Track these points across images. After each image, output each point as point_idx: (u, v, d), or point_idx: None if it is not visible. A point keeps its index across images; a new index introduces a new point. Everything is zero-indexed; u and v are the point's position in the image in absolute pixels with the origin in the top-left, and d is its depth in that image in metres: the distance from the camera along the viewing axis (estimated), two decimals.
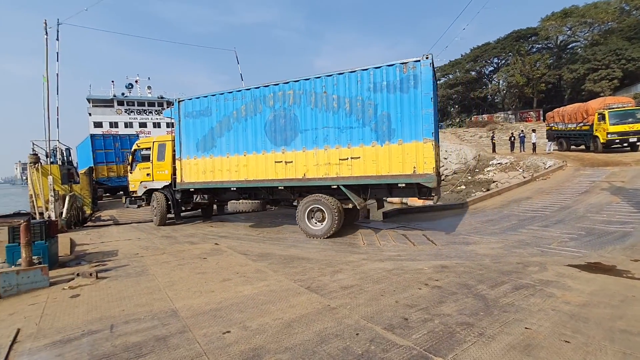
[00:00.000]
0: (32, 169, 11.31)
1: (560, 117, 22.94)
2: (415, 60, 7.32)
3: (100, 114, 48.32)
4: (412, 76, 7.37)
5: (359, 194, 8.40)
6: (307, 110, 8.60)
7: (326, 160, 8.35)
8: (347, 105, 8.12)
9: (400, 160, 7.51)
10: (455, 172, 20.00)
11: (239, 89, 9.67)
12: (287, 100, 8.85)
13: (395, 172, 7.57)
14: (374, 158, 7.82)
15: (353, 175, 8.05)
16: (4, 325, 3.77)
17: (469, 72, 47.66)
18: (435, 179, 7.24)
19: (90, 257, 6.66)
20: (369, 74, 7.88)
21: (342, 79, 8.19)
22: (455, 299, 3.97)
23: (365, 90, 7.91)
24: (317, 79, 8.51)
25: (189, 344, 3.11)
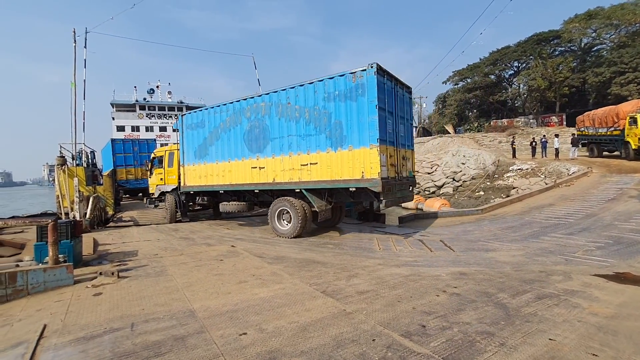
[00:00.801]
0: (59, 170, 11.77)
1: (590, 121, 21.66)
2: (362, 69, 7.63)
3: (123, 118, 49.91)
4: (360, 85, 7.69)
5: (323, 197, 8.83)
6: (276, 120, 9.26)
7: (290, 165, 8.93)
8: (306, 115, 8.63)
9: (350, 166, 7.87)
10: (473, 177, 19.60)
11: (225, 103, 10.62)
12: (260, 112, 9.62)
13: (346, 177, 7.96)
14: (328, 163, 8.26)
15: (312, 179, 8.56)
16: (31, 320, 3.92)
17: (488, 76, 46.73)
18: (380, 183, 7.43)
19: (112, 257, 6.85)
20: (324, 84, 8.31)
21: (302, 90, 8.71)
22: (474, 307, 3.88)
23: (321, 100, 8.37)
24: (283, 91, 9.09)
25: (207, 344, 3.15)
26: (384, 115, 7.86)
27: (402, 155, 8.95)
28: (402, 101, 9.01)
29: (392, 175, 8.16)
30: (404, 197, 9.13)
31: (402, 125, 9.02)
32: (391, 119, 8.25)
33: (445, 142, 33.21)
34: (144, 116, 50.76)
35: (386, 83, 8.06)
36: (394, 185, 8.23)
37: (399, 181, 8.51)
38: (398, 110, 8.71)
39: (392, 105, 8.39)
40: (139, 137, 41.65)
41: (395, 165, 8.47)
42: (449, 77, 51.21)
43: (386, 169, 7.86)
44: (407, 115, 9.38)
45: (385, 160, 7.85)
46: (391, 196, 8.19)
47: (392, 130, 8.29)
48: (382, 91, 7.79)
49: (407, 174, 9.20)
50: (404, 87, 9.25)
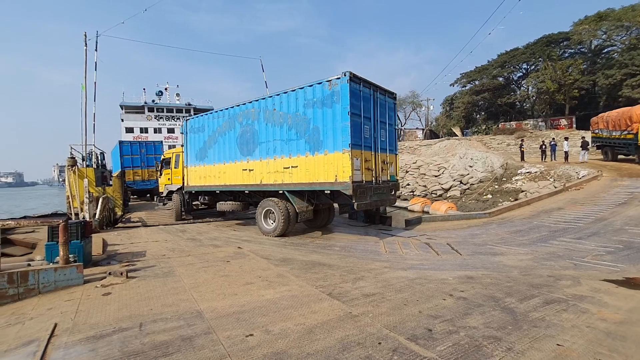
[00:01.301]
0: (70, 171, 11.97)
1: (604, 124, 20.69)
2: (337, 77, 8.03)
3: (132, 120, 50.55)
4: (335, 92, 8.09)
5: (304, 198, 9.21)
6: (263, 126, 9.82)
7: (275, 168, 9.44)
8: (289, 120, 9.12)
9: (326, 169, 8.28)
10: (481, 180, 19.44)
11: (222, 109, 11.32)
12: (250, 117, 10.22)
13: (322, 180, 8.36)
14: (307, 167, 8.69)
15: (293, 182, 9.02)
16: (42, 319, 4.00)
17: (496, 78, 46.38)
18: (352, 186, 7.79)
19: (121, 257, 6.94)
20: (304, 92, 8.76)
21: (286, 97, 9.21)
22: (481, 311, 3.86)
23: (301, 106, 8.83)
24: (270, 98, 9.64)
25: (214, 345, 3.18)
26: (359, 121, 8.23)
27: (382, 159, 9.24)
28: (383, 107, 9.31)
29: (367, 179, 8.47)
30: (382, 200, 9.34)
31: (384, 130, 9.33)
32: (369, 125, 8.63)
33: (452, 144, 33.03)
34: (153, 118, 51.36)
35: (362, 90, 8.41)
36: (369, 189, 8.46)
37: (376, 185, 8.80)
38: (378, 116, 9.04)
39: (370, 111, 8.74)
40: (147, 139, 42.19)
41: (372, 169, 8.75)
42: (457, 79, 50.99)
43: (360, 172, 8.20)
44: (389, 121, 9.66)
45: (360, 164, 8.20)
46: (365, 199, 8.38)
47: (369, 135, 8.63)
48: (357, 98, 8.17)
49: (387, 177, 9.46)
50: (387, 94, 9.54)
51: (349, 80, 7.84)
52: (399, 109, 55.48)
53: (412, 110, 55.52)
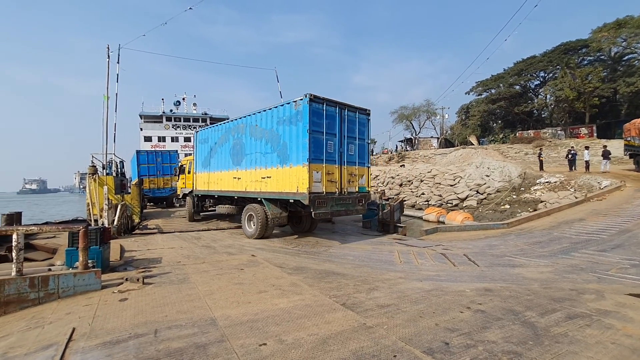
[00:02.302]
0: (90, 179, 12.33)
1: (636, 131, 19.29)
2: (300, 99, 8.88)
3: (150, 129, 51.86)
4: (298, 112, 8.91)
5: (277, 205, 10.05)
6: (248, 139, 10.90)
7: (256, 177, 10.46)
8: (266, 136, 10.07)
9: (290, 181, 9.14)
10: (498, 190, 19.02)
11: (221, 123, 12.72)
12: (240, 131, 11.38)
13: (287, 190, 9.28)
14: (277, 178, 9.63)
15: (267, 190, 10.01)
16: (61, 323, 4.08)
17: (513, 87, 45.66)
18: (308, 197, 8.59)
19: (137, 263, 7.05)
20: (277, 110, 9.68)
21: (265, 115, 10.21)
22: (500, 325, 3.73)
23: (275, 123, 9.74)
24: (254, 115, 10.70)
25: (227, 353, 3.17)
26: (321, 138, 9.00)
27: (350, 172, 9.93)
28: (353, 123, 10.00)
29: (330, 190, 9.21)
30: (346, 210, 9.92)
31: (352, 145, 10.00)
32: (333, 140, 9.35)
33: (468, 153, 32.56)
34: (170, 127, 52.57)
35: (327, 109, 9.16)
36: (329, 199, 9.17)
37: (340, 195, 9.50)
38: (345, 132, 9.74)
39: (336, 127, 9.45)
40: (164, 147, 43.17)
41: (336, 181, 9.44)
42: (472, 88, 50.47)
43: (321, 184, 8.97)
44: (360, 135, 10.23)
45: (320, 176, 8.97)
46: (325, 208, 9.11)
47: (333, 150, 9.35)
48: (319, 117, 8.96)
49: (356, 189, 10.13)
50: (357, 110, 10.14)
51: (309, 101, 8.67)
52: (414, 118, 55.17)
53: (426, 119, 55.14)
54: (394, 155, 46.38)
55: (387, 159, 45.73)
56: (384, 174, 29.85)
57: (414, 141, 54.23)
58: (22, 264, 5.03)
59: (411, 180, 25.59)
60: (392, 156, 46.54)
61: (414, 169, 27.64)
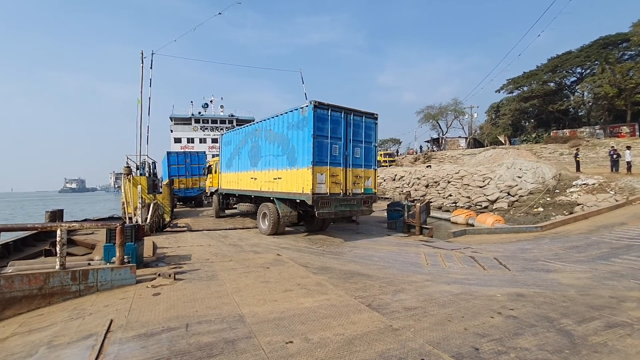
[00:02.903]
0: (125, 179, 12.92)
1: None
2: (306, 105, 9.35)
3: (180, 131, 53.67)
4: (305, 117, 9.38)
5: (288, 205, 10.56)
6: (264, 142, 11.58)
7: (269, 178, 11.07)
8: (278, 139, 10.67)
9: (297, 182, 9.67)
10: (531, 192, 18.22)
11: (242, 127, 13.64)
12: (257, 135, 12.10)
13: (294, 191, 9.80)
14: (286, 179, 10.19)
15: (278, 190, 10.57)
16: (100, 315, 4.32)
17: (547, 84, 43.55)
18: (311, 197, 9.10)
19: (169, 260, 7.33)
20: (287, 116, 10.23)
21: (277, 120, 10.80)
22: (534, 332, 3.59)
23: (285, 128, 10.31)
24: (268, 120, 11.36)
25: (255, 349, 3.24)
26: (326, 142, 9.50)
27: (356, 174, 10.30)
28: (358, 127, 10.37)
29: (334, 192, 9.67)
30: (351, 210, 10.37)
31: (359, 148, 10.38)
32: (338, 144, 9.80)
33: (499, 153, 31.40)
34: (198, 129, 54.16)
35: (332, 114, 9.64)
36: (334, 200, 9.65)
37: (344, 196, 9.92)
38: (351, 135, 10.15)
39: (341, 132, 9.89)
40: (193, 149, 44.55)
41: (341, 183, 9.87)
42: (503, 86, 48.61)
43: (325, 185, 9.46)
44: (366, 139, 10.58)
45: (325, 178, 9.47)
46: (328, 209, 9.60)
47: (338, 153, 9.79)
48: (324, 122, 9.46)
49: (361, 190, 10.46)
50: (364, 115, 10.50)
51: (314, 107, 9.18)
52: (440, 117, 53.88)
53: (454, 118, 53.64)
54: (419, 156, 45.53)
55: (412, 160, 44.95)
56: (410, 174, 29.35)
57: (440, 141, 52.93)
58: (65, 258, 5.36)
59: (438, 182, 25.02)
60: (417, 156, 45.71)
61: (441, 169, 27.00)
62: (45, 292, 5.06)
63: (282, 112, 10.53)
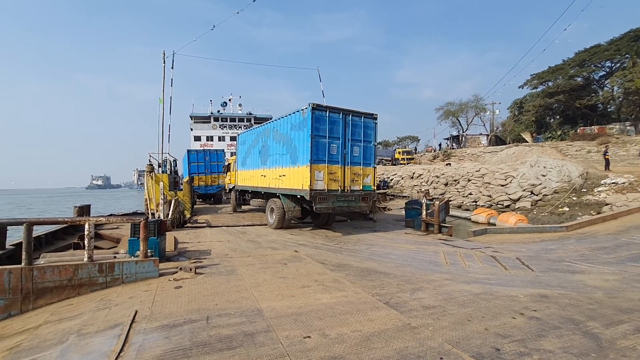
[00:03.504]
0: (148, 176, 13.31)
1: None
2: (305, 107, 9.91)
3: (199, 129, 54.79)
4: (305, 119, 9.96)
5: (291, 200, 11.08)
6: (272, 142, 12.33)
7: (276, 175, 11.80)
8: (283, 139, 11.40)
9: (297, 179, 10.34)
10: (556, 191, 17.59)
11: (254, 128, 14.56)
12: (266, 135, 12.88)
13: (295, 187, 10.49)
14: (290, 176, 10.88)
15: (282, 187, 11.31)
16: (125, 306, 4.49)
17: (574, 79, 41.80)
18: (309, 193, 9.78)
19: (190, 254, 7.52)
20: (291, 117, 10.94)
21: (282, 121, 11.54)
22: (558, 334, 3.49)
23: (289, 129, 11.00)
24: (275, 121, 12.17)
25: (273, 343, 3.29)
26: (324, 141, 10.07)
27: (354, 172, 10.78)
28: (357, 127, 10.83)
29: (332, 188, 10.24)
30: (349, 206, 10.89)
31: (357, 147, 10.84)
32: (336, 143, 10.34)
33: (521, 151, 30.47)
34: (217, 127, 55.11)
35: (330, 115, 10.18)
36: (331, 196, 10.22)
37: (342, 193, 10.47)
38: (350, 135, 10.65)
39: (339, 132, 10.42)
40: (212, 147, 45.36)
41: (339, 180, 10.42)
42: (527, 81, 47.08)
43: (323, 182, 10.05)
44: (366, 138, 11.03)
45: (323, 176, 10.05)
46: (326, 204, 10.20)
47: (336, 152, 10.35)
48: (322, 122, 10.02)
49: (360, 187, 10.94)
50: (363, 115, 10.95)
51: (312, 109, 9.75)
52: (461, 114, 52.73)
53: (475, 115, 52.34)
54: (438, 154, 44.71)
55: (431, 157, 44.20)
56: (428, 172, 28.90)
57: (460, 138, 51.76)
58: (93, 251, 5.59)
59: (458, 180, 24.53)
60: (436, 154, 44.90)
61: (461, 167, 26.45)
62: (75, 283, 5.30)
63: (287, 113, 11.14)
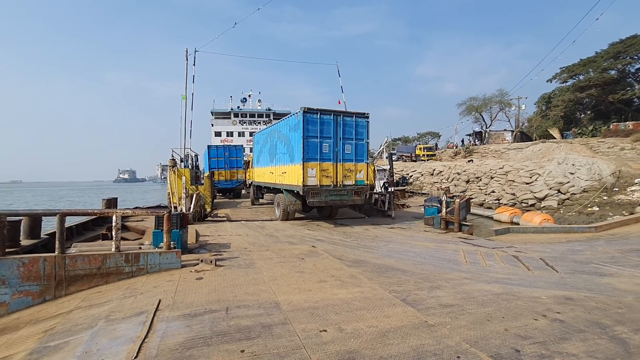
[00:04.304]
0: (171, 171, 13.70)
1: None
2: (298, 111, 10.91)
3: (220, 125, 55.69)
4: (299, 121, 10.84)
5: (293, 195, 12.06)
6: (277, 142, 13.37)
7: (280, 172, 12.80)
8: (284, 140, 12.44)
9: (294, 175, 11.27)
10: (585, 190, 16.86)
11: (265, 128, 15.82)
12: (273, 135, 13.99)
13: (292, 183, 11.49)
14: (289, 173, 11.82)
15: (284, 183, 12.38)
16: (150, 295, 4.67)
17: (607, 71, 39.71)
18: (302, 188, 10.74)
19: (210, 247, 7.72)
20: (289, 120, 12.02)
21: (284, 123, 12.63)
22: (582, 338, 3.37)
23: (288, 130, 12.03)
24: (279, 123, 13.23)
25: (290, 335, 3.35)
26: (316, 141, 10.91)
27: (346, 168, 11.54)
28: (349, 126, 11.56)
29: (324, 184, 11.06)
30: (341, 200, 11.71)
31: (349, 145, 11.56)
32: (328, 142, 11.14)
33: (548, 148, 29.30)
34: (237, 123, 55.84)
35: (322, 117, 11.02)
36: (323, 191, 11.08)
37: (334, 188, 11.27)
38: (341, 134, 11.39)
39: (331, 132, 11.23)
40: (232, 142, 46.10)
41: (331, 176, 11.22)
42: (556, 75, 45.06)
43: (315, 178, 10.90)
44: (358, 136, 11.69)
45: (315, 172, 10.92)
46: (319, 198, 11.10)
47: (328, 150, 11.14)
48: (314, 124, 10.90)
49: (353, 182, 11.65)
50: (355, 115, 11.67)
51: (304, 113, 10.72)
52: (484, 110, 51.21)
53: (499, 110, 50.68)
54: (460, 150, 43.67)
55: (452, 154, 43.25)
56: (449, 169, 28.33)
57: (483, 135, 50.31)
58: (120, 241, 5.83)
59: (480, 177, 23.93)
60: (458, 151, 43.87)
61: (484, 164, 25.77)
62: (103, 271, 5.55)
63: (287, 117, 12.40)
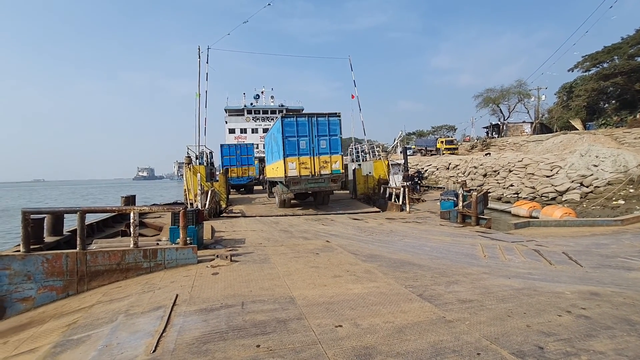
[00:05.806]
0: (186, 168, 13.90)
1: None
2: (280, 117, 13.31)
3: (233, 122, 56.11)
4: (279, 125, 13.21)
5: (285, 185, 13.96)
6: (272, 142, 15.56)
7: (277, 167, 14.52)
8: (275, 140, 14.47)
9: (281, 169, 13.39)
10: (609, 183, 16.22)
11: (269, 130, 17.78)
12: (270, 136, 16.51)
13: (280, 175, 13.77)
14: (279, 167, 13.84)
15: (277, 175, 14.79)
16: (167, 290, 4.74)
17: (634, 58, 37.96)
18: (284, 179, 13.15)
19: (225, 243, 7.79)
20: (276, 123, 14.16)
21: (274, 126, 15.14)
22: (610, 335, 3.22)
23: (276, 132, 14.17)
24: (273, 127, 15.51)
25: (305, 330, 3.33)
26: (294, 140, 13.06)
27: (322, 160, 13.33)
28: (323, 125, 13.41)
29: (303, 174, 13.09)
30: (319, 187, 13.96)
31: (324, 140, 13.39)
32: (305, 139, 13.16)
33: (570, 139, 28.32)
34: (251, 119, 56.15)
35: (298, 120, 13.28)
36: (303, 180, 13.21)
37: (313, 177, 13.23)
38: (316, 132, 13.32)
39: (307, 131, 13.26)
40: (245, 139, 46.52)
41: (310, 167, 13.16)
42: (578, 63, 43.31)
43: (296, 170, 13.02)
44: (332, 133, 13.50)
45: (295, 165, 13.02)
46: (299, 186, 13.54)
47: (305, 146, 13.14)
48: (291, 126, 13.11)
49: (329, 171, 13.42)
50: (328, 115, 13.55)
51: (282, 118, 13.17)
52: (502, 101, 49.85)
53: (518, 101, 49.21)
54: (477, 143, 42.73)
55: (469, 147, 42.37)
56: (465, 163, 27.79)
57: (501, 127, 49.03)
58: (138, 238, 5.94)
59: (497, 171, 23.37)
60: (474, 144, 42.95)
61: (501, 157, 25.14)
62: (123, 267, 5.68)
63: (275, 121, 14.55)
